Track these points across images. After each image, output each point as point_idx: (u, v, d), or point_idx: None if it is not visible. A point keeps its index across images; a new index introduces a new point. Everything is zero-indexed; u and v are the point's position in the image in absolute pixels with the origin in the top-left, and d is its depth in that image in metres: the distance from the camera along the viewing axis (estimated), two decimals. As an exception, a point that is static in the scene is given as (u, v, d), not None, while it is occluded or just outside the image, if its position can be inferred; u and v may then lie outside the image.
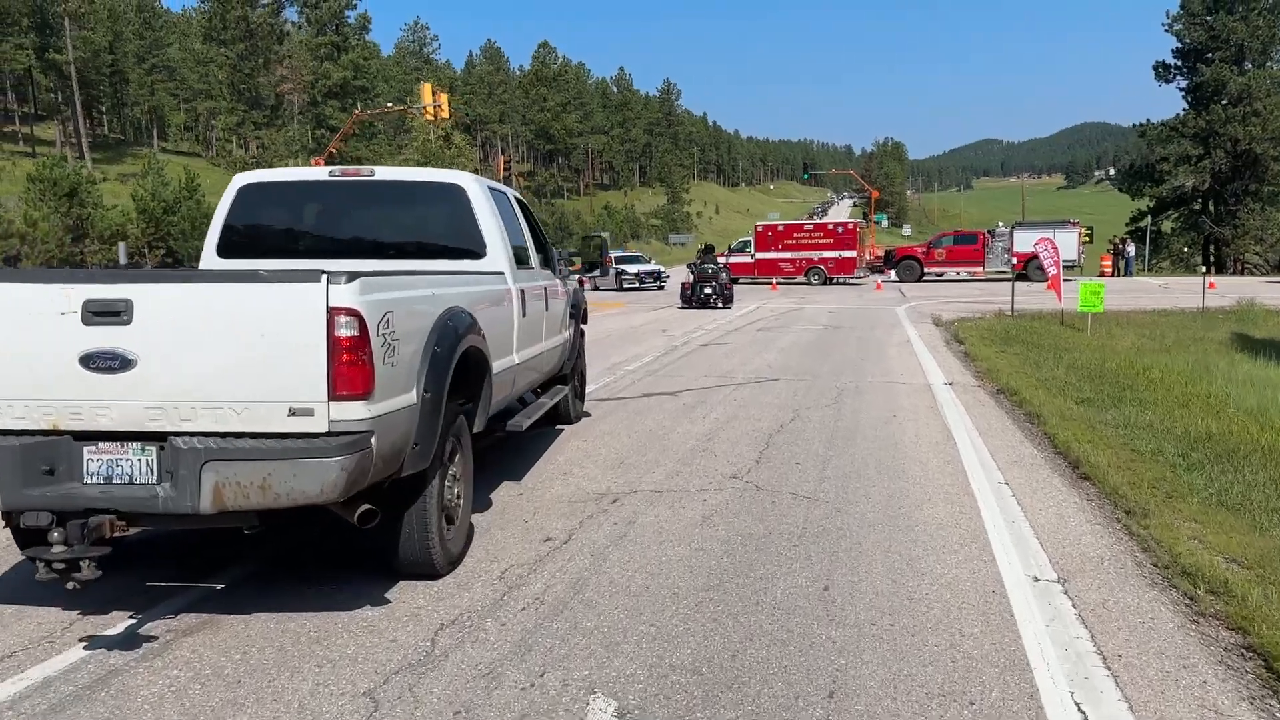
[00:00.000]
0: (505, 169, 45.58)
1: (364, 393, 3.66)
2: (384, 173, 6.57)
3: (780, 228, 42.29)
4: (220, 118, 55.08)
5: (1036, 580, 4.59)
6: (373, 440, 3.71)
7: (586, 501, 6.08)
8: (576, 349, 8.60)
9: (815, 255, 39.77)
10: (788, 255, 39.63)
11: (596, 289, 34.58)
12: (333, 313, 3.56)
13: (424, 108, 29.26)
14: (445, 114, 28.41)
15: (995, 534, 5.31)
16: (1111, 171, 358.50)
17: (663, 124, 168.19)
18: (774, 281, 37.98)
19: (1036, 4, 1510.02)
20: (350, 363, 3.60)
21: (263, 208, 6.28)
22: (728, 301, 25.68)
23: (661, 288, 37.08)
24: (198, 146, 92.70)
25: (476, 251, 5.99)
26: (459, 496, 4.88)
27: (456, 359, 4.49)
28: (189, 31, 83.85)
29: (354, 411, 3.65)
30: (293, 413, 3.62)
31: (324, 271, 3.62)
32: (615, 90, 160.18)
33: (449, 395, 4.44)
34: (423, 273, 4.87)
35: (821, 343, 16.17)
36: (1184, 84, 60.50)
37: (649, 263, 40.59)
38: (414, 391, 4.11)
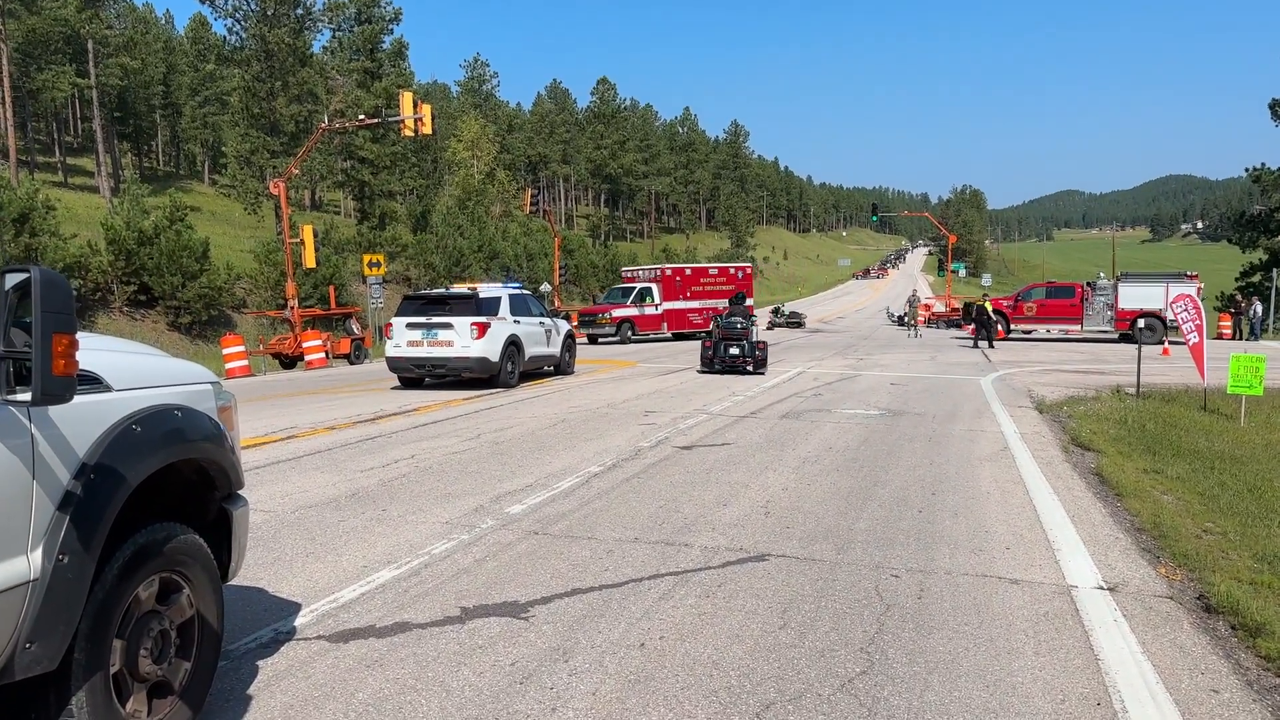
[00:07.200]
0: (532, 203, 40.83)
1: None
2: None
3: (688, 272, 36.13)
4: (229, 145, 51.19)
5: None
6: None
7: None
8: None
9: (720, 304, 34.51)
10: (695, 305, 34.55)
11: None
12: None
13: (402, 121, 24.54)
14: (426, 128, 23.62)
15: None
16: (1200, 225, 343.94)
17: (730, 166, 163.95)
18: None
19: (1118, 55, 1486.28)
20: None
21: None
22: (760, 365, 20.04)
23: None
24: (255, 180, 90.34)
25: None
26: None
27: None
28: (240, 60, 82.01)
29: None
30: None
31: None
32: (681, 131, 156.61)
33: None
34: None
35: (870, 447, 10.48)
36: (1306, 123, 53.81)
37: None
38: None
